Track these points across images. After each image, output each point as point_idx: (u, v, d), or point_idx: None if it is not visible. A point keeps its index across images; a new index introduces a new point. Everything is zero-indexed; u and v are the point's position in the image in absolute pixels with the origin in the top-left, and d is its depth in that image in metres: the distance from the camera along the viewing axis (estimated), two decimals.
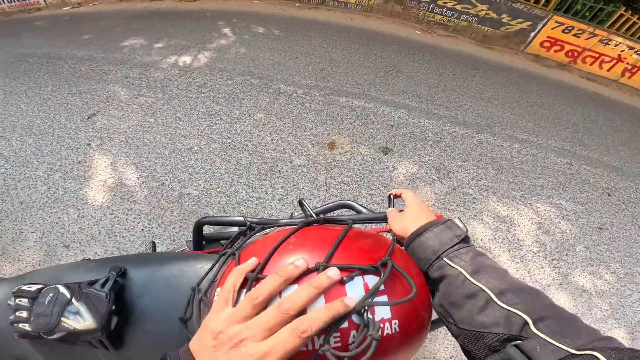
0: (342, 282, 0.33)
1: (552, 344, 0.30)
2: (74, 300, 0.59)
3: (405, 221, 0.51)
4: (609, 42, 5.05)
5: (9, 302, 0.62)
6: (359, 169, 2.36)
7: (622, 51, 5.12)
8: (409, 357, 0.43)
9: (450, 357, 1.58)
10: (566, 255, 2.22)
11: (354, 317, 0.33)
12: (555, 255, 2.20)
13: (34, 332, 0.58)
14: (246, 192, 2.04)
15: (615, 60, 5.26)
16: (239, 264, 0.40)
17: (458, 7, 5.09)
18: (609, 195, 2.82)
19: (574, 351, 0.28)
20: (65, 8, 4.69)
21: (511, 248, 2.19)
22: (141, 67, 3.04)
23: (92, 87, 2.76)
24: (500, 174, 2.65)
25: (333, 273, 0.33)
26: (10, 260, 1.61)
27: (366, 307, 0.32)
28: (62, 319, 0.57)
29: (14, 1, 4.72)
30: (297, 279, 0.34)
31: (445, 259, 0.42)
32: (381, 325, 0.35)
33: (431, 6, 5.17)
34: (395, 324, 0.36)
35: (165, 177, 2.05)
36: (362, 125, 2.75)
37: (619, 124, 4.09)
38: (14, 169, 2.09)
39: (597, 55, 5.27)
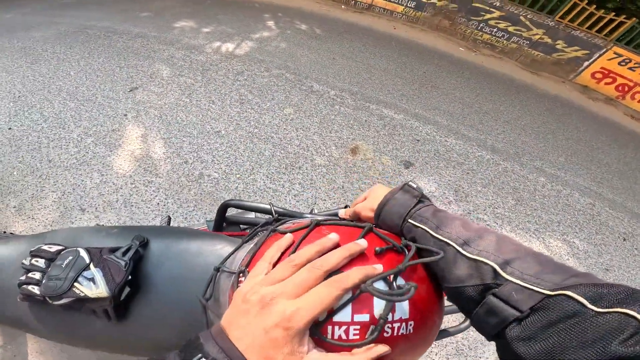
0: (374, 253, 0.36)
1: (526, 287, 0.29)
2: (91, 265, 0.58)
3: (372, 201, 0.51)
4: None
5: (23, 261, 0.61)
6: (377, 178, 2.30)
7: None
8: (417, 357, 0.43)
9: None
10: None
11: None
12: None
13: (40, 296, 0.57)
14: (264, 182, 2.05)
15: None
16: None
17: (511, 28, 4.83)
18: (624, 240, 2.63)
19: (548, 292, 0.28)
20: None
21: None
22: (187, 49, 3.13)
23: (140, 62, 2.88)
24: (519, 205, 2.49)
25: (362, 242, 0.36)
26: (25, 218, 1.66)
27: (402, 269, 0.35)
28: (75, 284, 0.56)
29: None
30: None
31: (409, 220, 0.42)
32: (398, 324, 0.35)
33: (481, 25, 4.94)
34: (410, 325, 0.36)
35: (189, 155, 2.11)
36: (388, 136, 2.67)
37: None
38: (50, 128, 2.21)
39: None
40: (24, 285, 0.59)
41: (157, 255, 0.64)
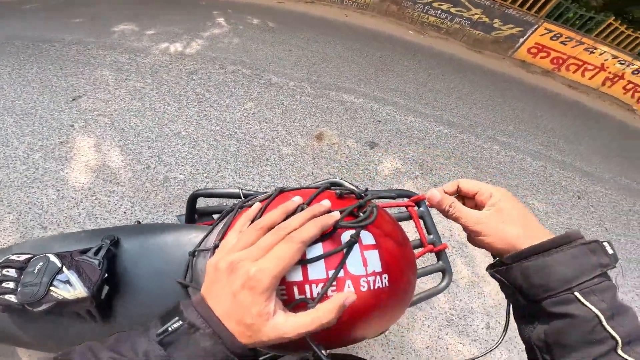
0: (335, 197, 0.38)
1: None
2: (64, 268, 0.57)
3: (508, 229, 0.38)
4: (594, 51, 5.21)
5: None
6: (345, 161, 2.38)
7: (605, 60, 5.28)
8: (396, 317, 0.43)
9: (427, 347, 1.63)
10: None
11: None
12: None
13: (18, 304, 0.56)
14: (233, 178, 2.04)
15: (598, 69, 5.43)
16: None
17: (453, 9, 5.15)
18: (579, 198, 2.95)
19: None
20: None
21: None
22: (131, 53, 2.97)
23: (79, 70, 2.68)
24: (480, 173, 2.72)
25: (325, 202, 0.35)
26: None
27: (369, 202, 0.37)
28: (52, 288, 0.55)
29: None
30: None
31: (577, 293, 0.33)
32: (373, 277, 0.36)
33: (426, 7, 5.22)
34: (385, 278, 0.37)
35: (150, 160, 2.03)
36: (351, 120, 2.77)
37: (594, 132, 4.24)
38: None
39: (581, 63, 5.42)
40: (0, 296, 0.57)
41: (132, 253, 0.64)
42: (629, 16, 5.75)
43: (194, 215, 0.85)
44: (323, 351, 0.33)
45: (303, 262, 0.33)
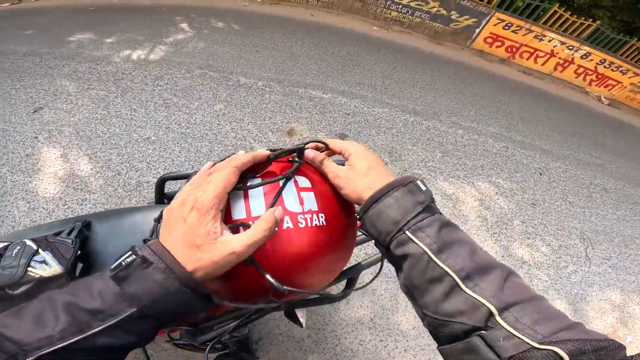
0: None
1: (516, 335, 0.29)
2: (40, 250, 0.63)
3: (358, 181, 0.42)
4: (543, 38, 5.63)
5: None
6: None
7: (554, 46, 5.72)
8: (339, 260, 0.46)
9: (413, 328, 1.72)
10: (505, 229, 2.48)
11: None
12: (496, 229, 2.45)
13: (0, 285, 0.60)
14: None
15: (548, 55, 5.87)
16: None
17: (412, 4, 5.41)
18: (541, 174, 3.19)
19: (535, 344, 0.28)
20: (4, 4, 4.32)
21: (457, 223, 2.40)
22: (91, 62, 2.93)
23: (37, 81, 2.62)
24: (446, 157, 2.91)
25: (264, 151, 0.42)
26: None
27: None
28: (29, 269, 0.60)
29: None
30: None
31: (407, 232, 0.36)
32: (309, 215, 0.40)
33: (388, 3, 5.45)
34: (322, 217, 0.41)
35: (121, 166, 2.04)
36: (320, 114, 2.88)
37: (550, 113, 4.59)
38: None
39: (532, 50, 5.84)
40: None
41: (104, 234, 0.68)
42: (573, 3, 6.26)
43: (163, 198, 0.87)
44: (270, 278, 0.36)
45: (243, 188, 0.39)
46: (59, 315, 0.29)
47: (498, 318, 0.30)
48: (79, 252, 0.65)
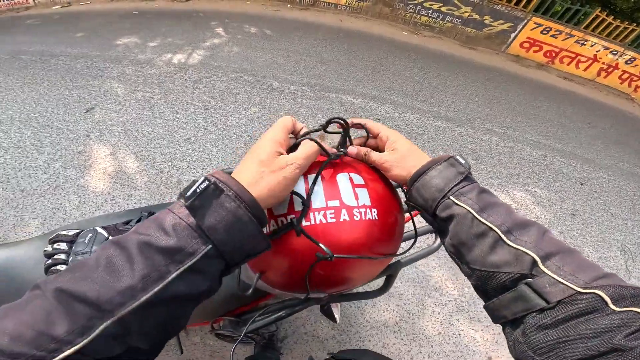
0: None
1: (560, 282, 0.31)
2: (110, 237, 0.66)
3: (403, 162, 0.47)
4: (585, 43, 5.38)
5: (45, 249, 0.67)
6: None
7: (597, 51, 5.44)
8: (388, 251, 0.49)
9: (439, 334, 1.71)
10: None
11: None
12: None
13: None
14: None
15: (591, 60, 5.59)
16: None
17: (443, 9, 5.36)
18: (582, 184, 3.03)
19: (580, 289, 0.30)
20: (54, 7, 4.73)
21: None
22: (137, 65, 3.14)
23: (89, 82, 2.85)
24: (480, 164, 2.85)
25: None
26: None
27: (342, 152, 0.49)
28: None
29: (1, 0, 4.71)
30: None
31: (451, 197, 0.41)
32: (364, 209, 0.43)
33: (418, 8, 5.43)
34: (374, 212, 0.44)
35: (164, 165, 2.17)
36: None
37: (593, 121, 4.36)
38: (13, 159, 2.17)
39: (574, 55, 5.59)
40: (52, 267, 0.64)
41: None
42: (616, 8, 5.94)
43: None
44: (322, 245, 0.40)
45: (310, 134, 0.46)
46: (135, 260, 0.27)
47: (542, 266, 0.33)
48: None
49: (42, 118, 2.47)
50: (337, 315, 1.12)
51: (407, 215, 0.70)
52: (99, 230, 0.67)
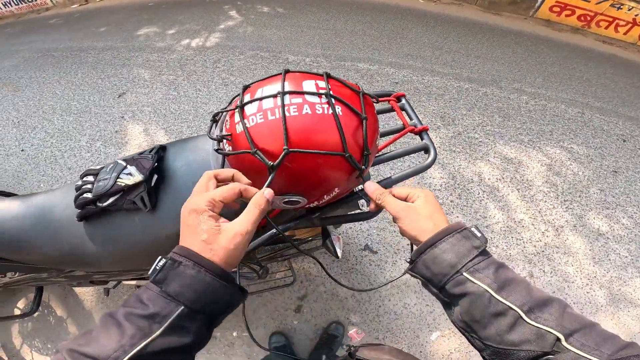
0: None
1: (584, 356, 0.32)
2: (128, 166, 0.79)
3: (418, 222, 0.48)
4: (622, 7, 5.07)
5: (77, 183, 0.82)
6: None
7: (636, 15, 5.13)
8: (358, 148, 0.52)
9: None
10: (579, 196, 2.39)
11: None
12: (568, 197, 2.38)
13: (91, 200, 0.76)
14: None
15: (630, 24, 5.26)
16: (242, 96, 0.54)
17: None
18: (624, 141, 2.94)
19: None
20: (73, 6, 5.10)
21: (520, 187, 2.39)
22: (159, 52, 3.43)
23: (118, 71, 3.16)
24: (507, 121, 2.86)
25: (268, 191, 0.45)
26: None
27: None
28: (118, 180, 0.76)
29: (22, 3, 5.11)
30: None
31: (465, 273, 0.42)
32: (326, 105, 0.49)
33: None
34: (338, 108, 0.50)
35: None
36: (368, 84, 3.03)
37: (636, 81, 4.11)
38: (59, 142, 2.50)
39: (611, 19, 5.27)
40: (80, 197, 0.79)
41: (174, 153, 0.86)
42: None
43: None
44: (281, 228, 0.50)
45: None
46: (123, 326, 0.34)
47: (565, 343, 0.34)
48: (156, 164, 0.80)
49: (80, 105, 2.80)
50: (339, 251, 1.24)
51: (391, 137, 0.76)
52: (119, 161, 0.81)
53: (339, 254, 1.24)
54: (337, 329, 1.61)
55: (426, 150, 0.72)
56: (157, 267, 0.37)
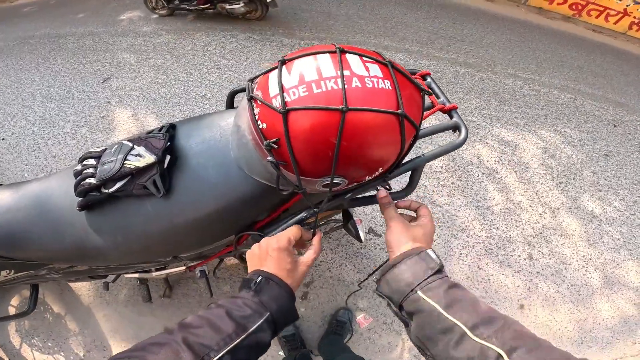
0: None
1: None
2: (135, 146, 0.71)
3: (401, 236, 0.55)
4: None
5: (75, 168, 0.74)
6: None
7: (627, 5, 5.33)
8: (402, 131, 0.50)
9: (467, 278, 1.82)
10: (573, 179, 2.49)
11: None
12: (563, 179, 2.47)
13: (95, 185, 0.68)
14: None
15: (621, 14, 5.47)
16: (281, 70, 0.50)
17: None
18: (615, 126, 3.09)
19: None
20: None
21: (518, 170, 2.47)
22: (144, 36, 3.35)
23: (101, 56, 3.08)
24: (503, 105, 2.94)
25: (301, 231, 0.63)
26: None
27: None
28: (125, 162, 0.68)
29: None
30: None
31: (419, 292, 0.46)
32: (375, 79, 0.47)
33: None
34: (387, 82, 0.47)
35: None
36: None
37: (625, 69, 4.29)
38: (41, 129, 2.43)
39: (602, 8, 5.46)
40: (82, 182, 0.70)
41: (187, 131, 0.79)
42: None
43: (232, 105, 0.97)
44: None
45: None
46: (227, 321, 0.45)
47: (507, 359, 0.36)
48: (168, 143, 0.73)
49: (62, 91, 2.72)
50: (362, 233, 1.25)
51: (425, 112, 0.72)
52: (125, 142, 0.73)
53: (362, 237, 1.25)
54: (345, 315, 1.64)
55: (457, 128, 0.73)
56: (258, 281, 0.51)
